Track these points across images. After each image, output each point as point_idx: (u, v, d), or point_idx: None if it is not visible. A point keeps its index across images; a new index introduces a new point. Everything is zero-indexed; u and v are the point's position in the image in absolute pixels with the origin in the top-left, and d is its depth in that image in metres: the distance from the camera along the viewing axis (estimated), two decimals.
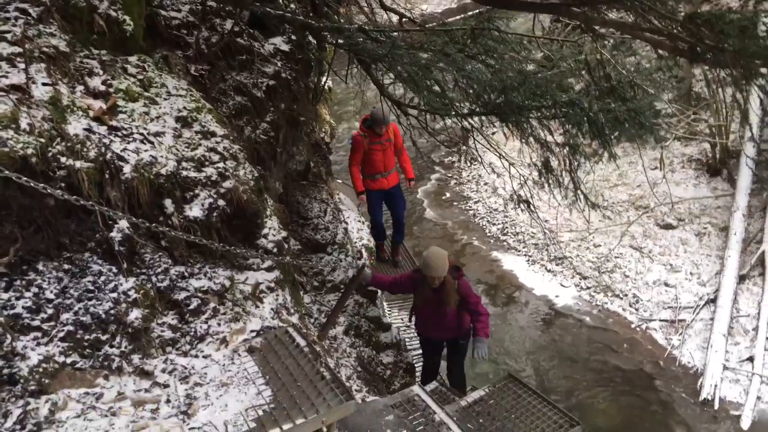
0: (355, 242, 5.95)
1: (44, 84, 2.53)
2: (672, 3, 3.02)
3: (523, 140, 4.45)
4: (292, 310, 3.13)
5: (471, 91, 4.42)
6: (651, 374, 8.28)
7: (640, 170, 10.40)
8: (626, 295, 9.37)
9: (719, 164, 10.33)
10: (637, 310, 9.16)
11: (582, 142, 4.54)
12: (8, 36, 2.59)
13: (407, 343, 5.58)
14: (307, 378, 2.55)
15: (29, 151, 2.32)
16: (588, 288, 9.64)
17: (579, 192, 4.45)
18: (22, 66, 2.52)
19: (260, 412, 2.41)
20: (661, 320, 9.00)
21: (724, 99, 9.58)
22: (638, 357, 8.56)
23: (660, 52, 3.29)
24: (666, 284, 9.36)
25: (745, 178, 9.74)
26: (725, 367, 8.12)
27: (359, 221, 6.77)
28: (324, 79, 5.51)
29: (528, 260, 10.28)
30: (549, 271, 10.03)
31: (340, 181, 8.81)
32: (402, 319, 6.60)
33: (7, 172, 2.14)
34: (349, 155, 6.18)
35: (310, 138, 5.22)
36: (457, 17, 9.51)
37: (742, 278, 9.03)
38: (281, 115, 4.10)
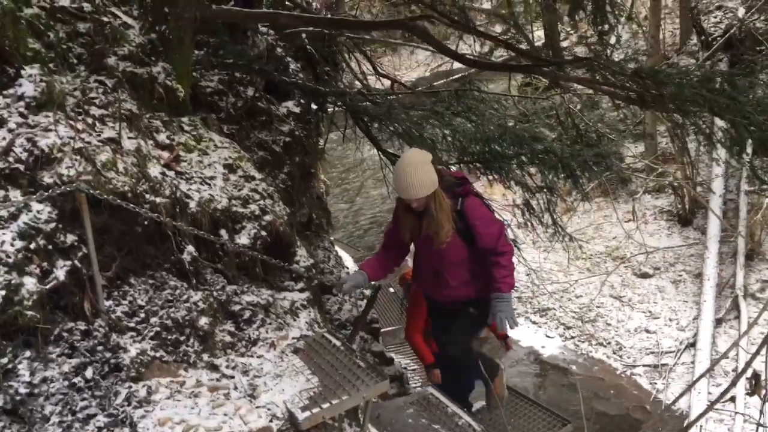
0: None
1: (129, 138, 3.35)
2: (622, 63, 4.00)
3: (506, 185, 5.36)
4: (321, 325, 3.89)
5: (458, 143, 5.34)
6: (638, 419, 8.98)
7: (615, 222, 11.45)
8: (609, 343, 10.16)
9: (689, 215, 11.39)
10: (620, 357, 9.94)
11: (557, 185, 5.47)
12: (96, 102, 3.43)
13: (410, 377, 6.26)
14: (346, 367, 3.29)
15: (126, 188, 3.12)
16: (572, 337, 10.43)
17: (558, 227, 5.34)
18: (111, 124, 3.35)
19: (311, 393, 3.14)
20: (644, 366, 9.77)
21: (689, 153, 10.79)
22: (625, 402, 9.27)
23: (616, 102, 4.24)
24: (647, 331, 10.20)
25: (713, 227, 10.77)
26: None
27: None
28: (324, 140, 6.43)
29: None
30: (534, 323, 10.82)
31: (332, 238, 9.64)
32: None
33: (119, 201, 2.93)
34: (408, 317, 5.03)
35: (312, 192, 6.06)
36: (441, 81, 10.70)
37: (718, 322, 9.89)
38: (295, 168, 4.97)
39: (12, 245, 2.69)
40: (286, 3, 5.31)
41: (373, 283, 4.21)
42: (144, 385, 2.96)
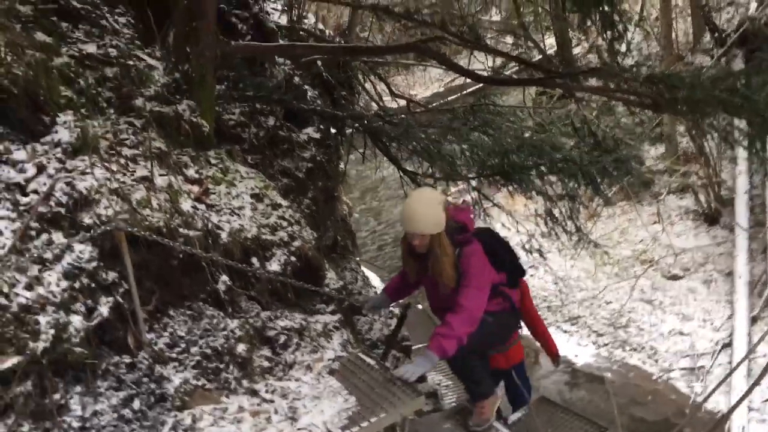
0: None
1: (161, 175, 3.51)
2: (634, 70, 4.09)
3: (528, 195, 5.45)
4: (354, 345, 4.00)
5: (476, 157, 5.45)
6: (678, 423, 8.89)
7: (640, 226, 11.45)
8: (644, 348, 10.12)
9: (715, 213, 11.34)
10: (656, 361, 9.89)
11: (578, 192, 5.54)
12: (127, 142, 3.60)
13: (443, 393, 6.32)
14: (382, 386, 3.40)
15: (161, 223, 3.27)
16: (605, 345, 10.40)
17: (582, 234, 5.41)
18: (142, 163, 3.51)
19: (350, 413, 3.25)
20: (681, 369, 9.71)
21: (711, 152, 10.79)
22: (663, 408, 9.21)
23: (631, 108, 4.33)
24: (681, 333, 10.13)
25: (741, 223, 10.71)
26: (750, 409, 8.72)
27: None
28: (344, 162, 6.59)
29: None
30: (565, 332, 10.81)
31: (358, 259, 9.78)
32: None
33: (156, 237, 3.08)
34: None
35: (336, 215, 6.21)
36: (455, 96, 10.87)
37: (753, 320, 9.79)
38: (319, 192, 5.12)
39: (58, 285, 2.83)
40: (300, 33, 5.50)
41: (401, 301, 4.33)
42: (189, 413, 3.08)
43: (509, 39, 14.20)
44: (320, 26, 6.40)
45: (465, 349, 3.48)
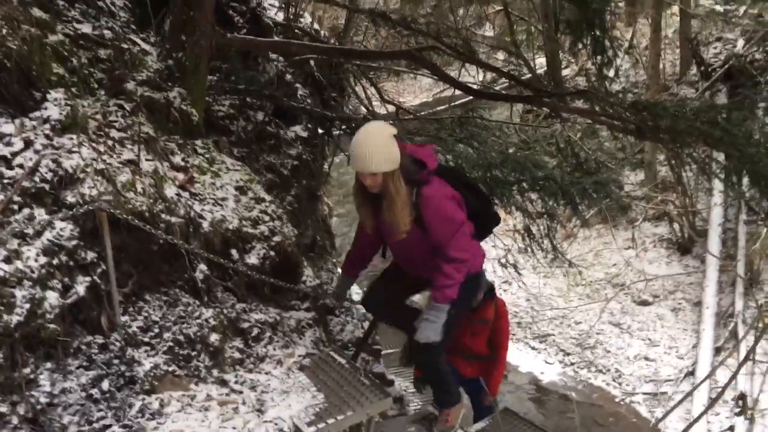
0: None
1: (147, 160, 3.53)
2: (620, 96, 4.19)
3: (507, 211, 5.52)
4: (326, 344, 4.04)
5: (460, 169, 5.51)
6: None
7: (615, 250, 11.62)
8: (609, 370, 10.26)
9: (688, 243, 11.55)
10: (620, 384, 10.03)
11: (557, 211, 5.64)
12: (116, 125, 3.61)
13: (410, 399, 6.35)
14: (351, 385, 3.43)
15: (144, 208, 3.29)
16: (572, 364, 10.53)
17: (558, 253, 5.50)
18: (129, 146, 3.52)
19: (317, 409, 3.28)
20: (644, 393, 9.85)
21: (689, 182, 11.00)
22: (624, 430, 9.35)
23: (614, 132, 4.43)
24: (646, 358, 10.29)
25: (713, 255, 10.91)
26: None
27: (357, 293, 7.65)
28: (328, 163, 6.63)
29: (512, 338, 11.18)
30: (533, 348, 10.93)
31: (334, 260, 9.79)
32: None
33: (136, 221, 3.10)
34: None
35: (317, 215, 6.23)
36: (444, 107, 10.99)
37: (717, 351, 9.96)
38: (302, 190, 5.15)
39: (36, 261, 2.84)
40: (296, 31, 5.54)
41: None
42: (157, 397, 3.10)
43: (501, 55, 14.37)
44: (316, 26, 6.45)
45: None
